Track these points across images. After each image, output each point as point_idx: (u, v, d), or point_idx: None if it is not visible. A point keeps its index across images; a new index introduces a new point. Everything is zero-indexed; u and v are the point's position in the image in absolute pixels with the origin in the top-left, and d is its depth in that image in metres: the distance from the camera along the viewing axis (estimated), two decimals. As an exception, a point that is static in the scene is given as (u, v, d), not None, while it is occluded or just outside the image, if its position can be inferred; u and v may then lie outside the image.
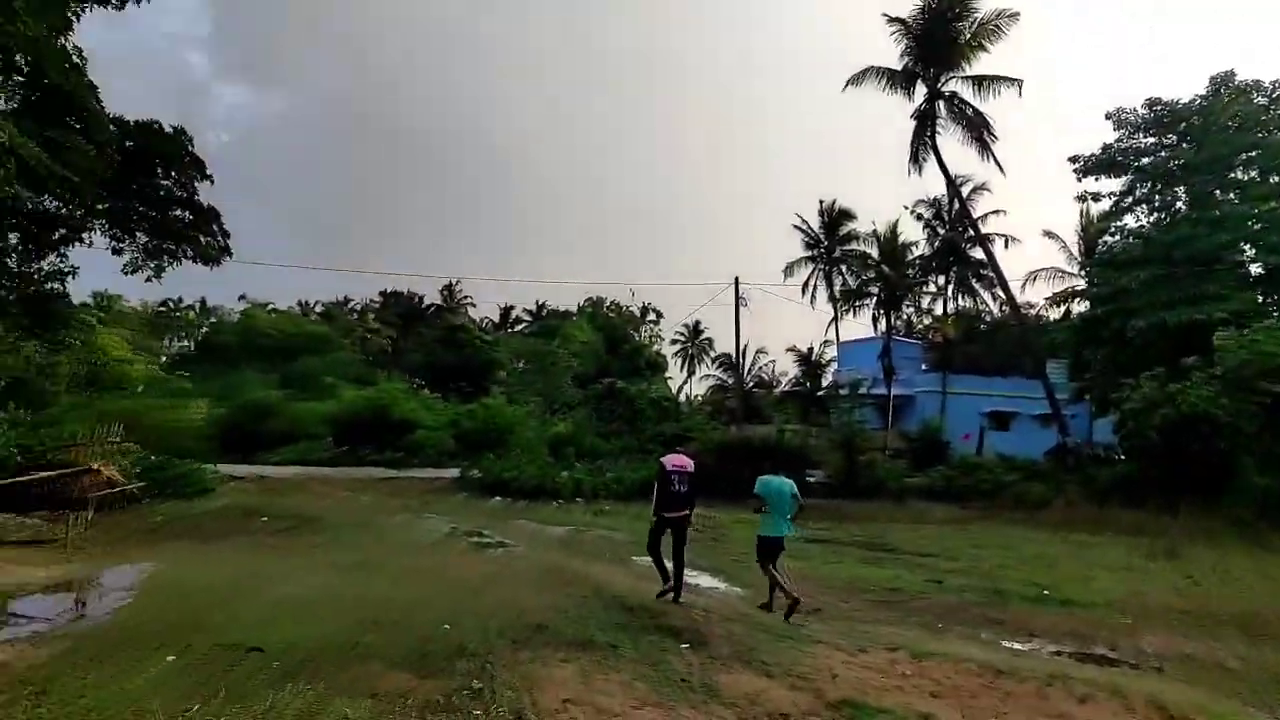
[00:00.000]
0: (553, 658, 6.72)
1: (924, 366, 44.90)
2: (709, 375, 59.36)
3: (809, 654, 7.40)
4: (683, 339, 69.79)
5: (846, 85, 33.81)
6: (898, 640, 8.28)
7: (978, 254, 38.10)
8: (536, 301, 64.70)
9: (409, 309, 62.54)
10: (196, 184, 19.69)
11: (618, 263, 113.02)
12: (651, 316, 67.33)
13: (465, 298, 63.51)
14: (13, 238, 19.25)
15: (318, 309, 60.17)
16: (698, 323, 68.29)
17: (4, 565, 9.93)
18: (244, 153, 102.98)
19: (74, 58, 16.98)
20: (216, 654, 6.38)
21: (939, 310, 44.10)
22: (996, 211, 40.79)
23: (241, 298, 52.64)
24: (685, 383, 65.81)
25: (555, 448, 28.95)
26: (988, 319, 45.19)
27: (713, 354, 67.68)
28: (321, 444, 28.35)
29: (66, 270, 20.24)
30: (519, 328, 64.13)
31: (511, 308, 65.52)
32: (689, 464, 9.33)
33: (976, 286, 40.17)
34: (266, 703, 5.32)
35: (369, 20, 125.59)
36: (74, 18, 17.58)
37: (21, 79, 16.43)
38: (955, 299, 42.20)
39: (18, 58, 15.55)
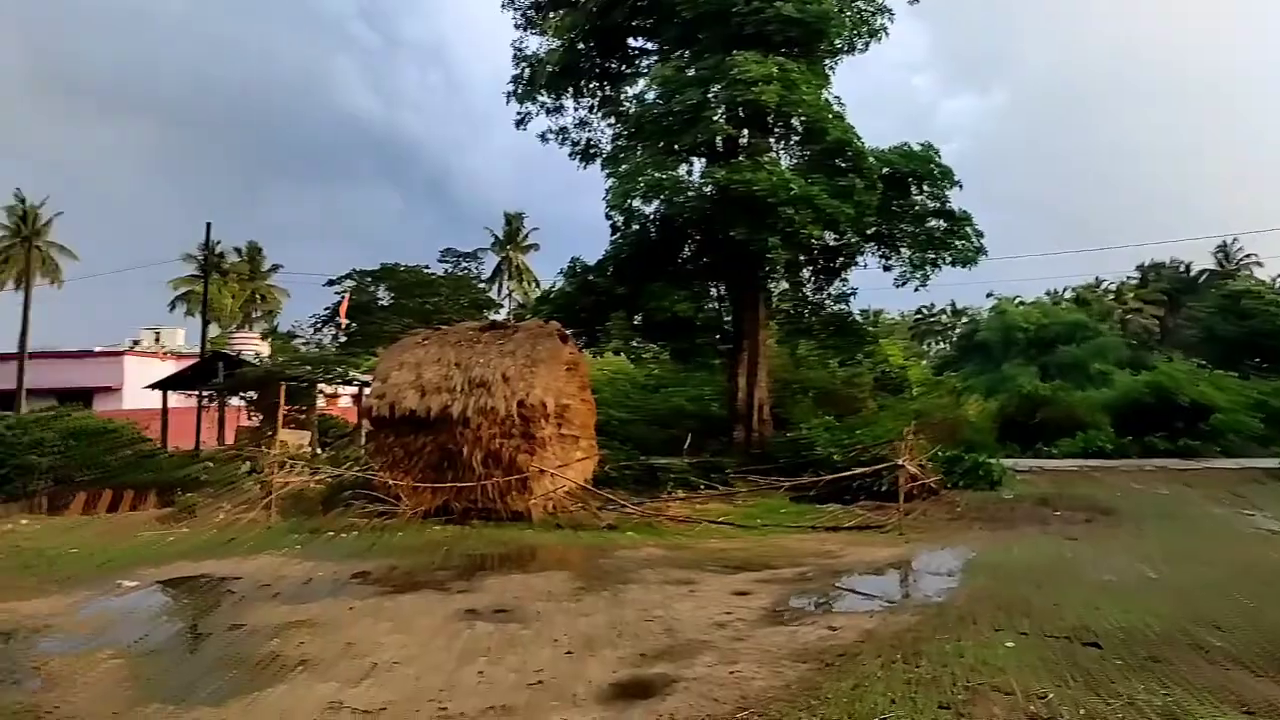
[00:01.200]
0: None
1: None
2: None
3: None
4: None
5: None
6: None
7: None
8: (1361, 240, 49.66)
9: (1175, 280, 54.98)
10: (946, 192, 20.68)
11: None
12: None
13: (1248, 256, 53.36)
14: (805, 272, 23.19)
15: (1066, 294, 57.16)
16: None
17: (846, 548, 11.67)
18: (972, 155, 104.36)
19: (834, 107, 19.71)
20: (1049, 641, 6.35)
21: None
22: None
23: (989, 295, 53.48)
24: None
25: None
26: None
27: None
28: (1101, 434, 26.80)
29: (848, 293, 23.41)
30: (1330, 280, 50.27)
31: (1319, 257, 51.87)
32: None
33: None
34: (1122, 698, 5.01)
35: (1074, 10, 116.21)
36: (830, 73, 20.62)
37: (798, 137, 19.76)
38: None
39: (794, 121, 18.77)
